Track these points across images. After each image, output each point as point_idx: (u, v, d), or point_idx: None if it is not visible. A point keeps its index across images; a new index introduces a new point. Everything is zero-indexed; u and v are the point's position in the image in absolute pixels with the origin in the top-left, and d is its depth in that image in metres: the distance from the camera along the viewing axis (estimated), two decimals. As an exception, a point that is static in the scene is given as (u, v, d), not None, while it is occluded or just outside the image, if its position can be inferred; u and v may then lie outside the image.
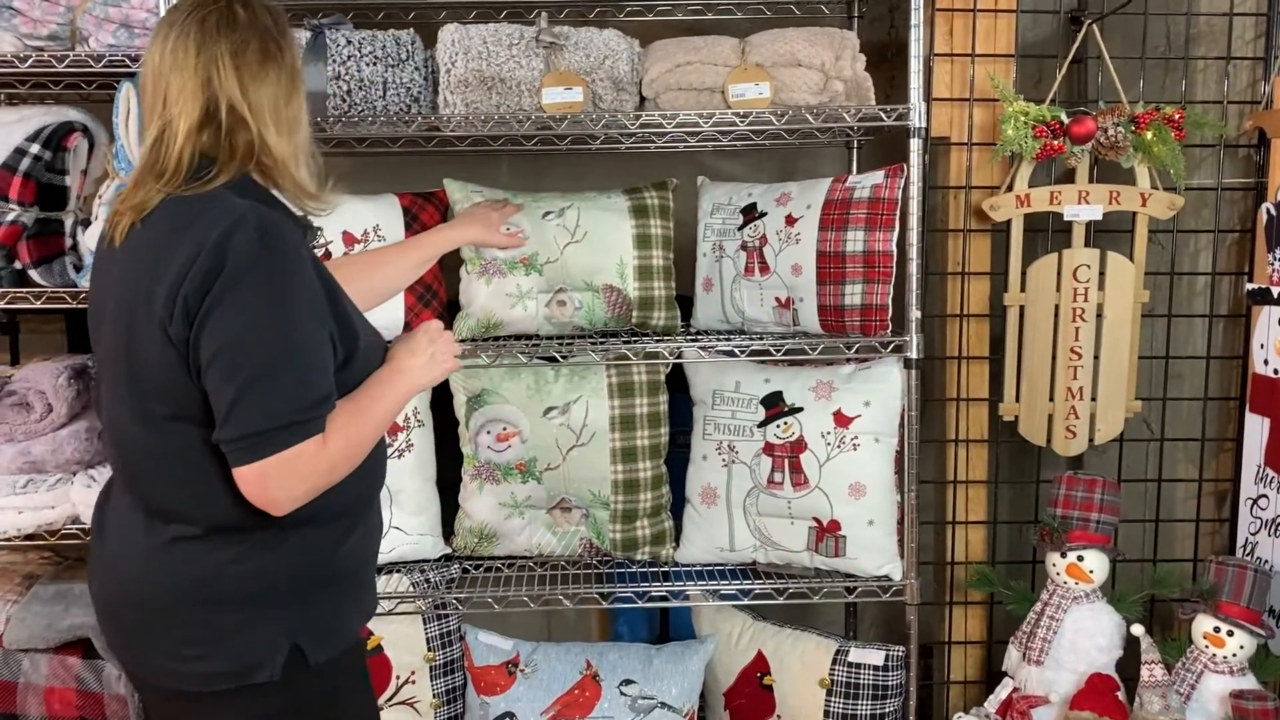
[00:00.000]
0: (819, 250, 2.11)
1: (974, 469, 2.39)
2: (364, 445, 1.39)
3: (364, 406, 1.40)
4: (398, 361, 1.49)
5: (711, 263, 2.29)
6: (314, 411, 1.31)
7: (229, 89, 1.35)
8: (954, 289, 2.34)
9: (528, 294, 2.18)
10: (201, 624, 1.35)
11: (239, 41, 1.36)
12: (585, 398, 2.19)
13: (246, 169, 1.38)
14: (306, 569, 1.40)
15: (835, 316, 2.12)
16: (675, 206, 2.27)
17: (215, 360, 1.27)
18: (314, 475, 1.32)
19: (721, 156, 2.57)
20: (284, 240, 1.32)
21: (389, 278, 1.90)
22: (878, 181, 2.11)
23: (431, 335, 1.54)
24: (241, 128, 1.36)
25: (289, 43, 1.44)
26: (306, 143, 1.46)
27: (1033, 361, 2.24)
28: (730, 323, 2.29)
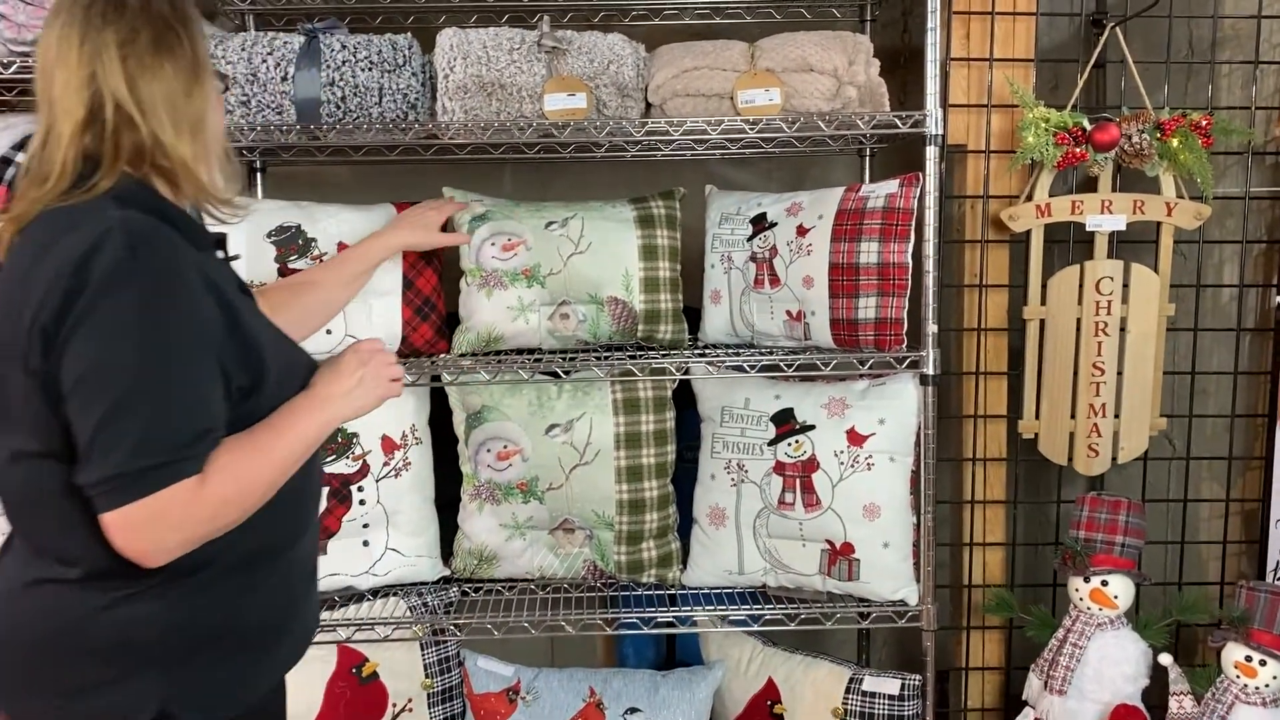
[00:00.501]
0: (831, 262, 2.04)
1: (992, 489, 2.31)
2: (260, 488, 1.23)
3: (262, 443, 1.24)
4: (317, 388, 1.33)
5: (720, 274, 2.22)
6: (188, 450, 1.16)
7: (114, 84, 1.21)
8: (971, 302, 2.26)
9: (530, 307, 2.11)
10: (64, 673, 1.22)
11: (127, 30, 1.22)
12: (589, 415, 2.12)
13: (139, 172, 1.25)
14: (194, 623, 1.25)
15: (848, 330, 2.04)
16: (682, 216, 2.20)
17: (74, 391, 1.14)
18: (189, 524, 1.17)
19: (729, 165, 2.50)
20: (161, 254, 1.18)
21: (322, 300, 1.77)
22: (892, 191, 2.04)
23: (362, 357, 1.39)
24: (128, 127, 1.22)
25: (192, 31, 1.29)
26: (217, 142, 1.32)
27: (1053, 377, 2.16)
28: (739, 336, 2.22)
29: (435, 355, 2.17)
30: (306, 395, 1.32)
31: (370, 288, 2.11)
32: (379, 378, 1.39)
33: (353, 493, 2.10)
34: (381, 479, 2.13)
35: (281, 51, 1.95)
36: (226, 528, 1.21)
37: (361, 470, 2.11)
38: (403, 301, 2.14)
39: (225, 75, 1.70)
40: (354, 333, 2.11)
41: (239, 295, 1.30)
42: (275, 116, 1.95)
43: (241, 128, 1.94)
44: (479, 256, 2.12)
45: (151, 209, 1.23)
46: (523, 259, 2.11)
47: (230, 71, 1.93)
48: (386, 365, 1.41)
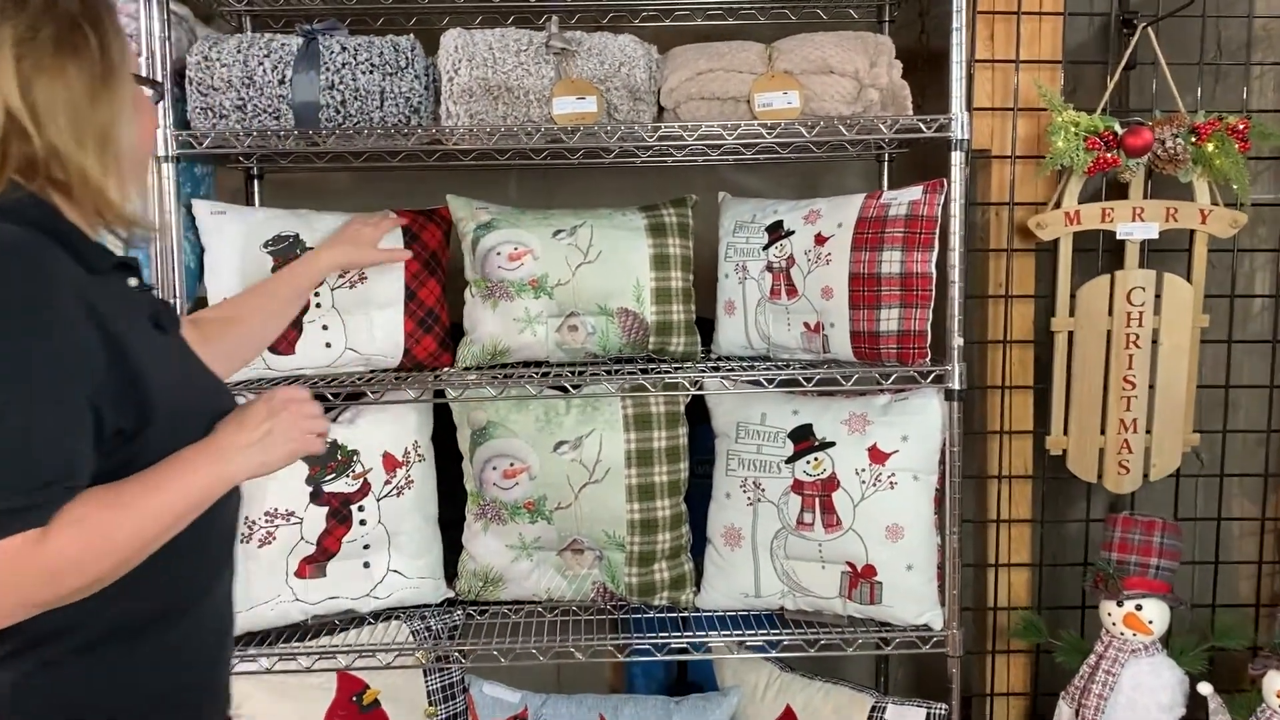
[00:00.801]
0: (852, 272, 1.96)
1: (1017, 507, 2.22)
2: (121, 549, 1.06)
3: (128, 498, 1.07)
4: (215, 439, 1.17)
5: (734, 284, 2.14)
6: (32, 498, 1.00)
7: (5, 86, 1.08)
8: (996, 313, 2.18)
9: (537, 318, 2.03)
10: None
11: (26, 27, 1.09)
12: (599, 431, 2.04)
13: (30, 184, 1.11)
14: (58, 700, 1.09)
15: (870, 343, 1.96)
16: (694, 224, 2.13)
17: None
18: (26, 585, 1.01)
19: (739, 171, 2.42)
20: (30, 274, 1.04)
21: (252, 330, 1.64)
22: (915, 198, 1.96)
23: (273, 406, 1.22)
24: (19, 136, 1.09)
25: (103, 31, 1.15)
26: (130, 156, 1.18)
27: (1082, 391, 2.08)
28: (754, 349, 2.14)
29: (439, 369, 2.09)
30: (200, 446, 1.16)
31: (370, 299, 2.04)
32: (291, 431, 1.23)
33: (353, 513, 2.02)
34: (383, 498, 2.05)
35: (279, 54, 1.87)
36: (80, 592, 1.05)
37: (362, 489, 2.03)
38: (405, 313, 2.06)
39: (157, 83, 1.55)
40: (354, 346, 2.03)
41: (141, 327, 1.16)
42: (272, 121, 1.87)
43: (237, 133, 1.87)
44: (484, 266, 2.04)
45: (39, 224, 1.10)
46: (530, 269, 2.03)
47: (225, 75, 1.86)
48: (303, 417, 1.24)
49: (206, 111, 1.87)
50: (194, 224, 1.99)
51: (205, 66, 1.86)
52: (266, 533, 1.96)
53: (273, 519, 1.97)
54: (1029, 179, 2.13)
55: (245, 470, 1.19)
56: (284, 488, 1.98)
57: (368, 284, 2.03)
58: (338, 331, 2.03)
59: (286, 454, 1.23)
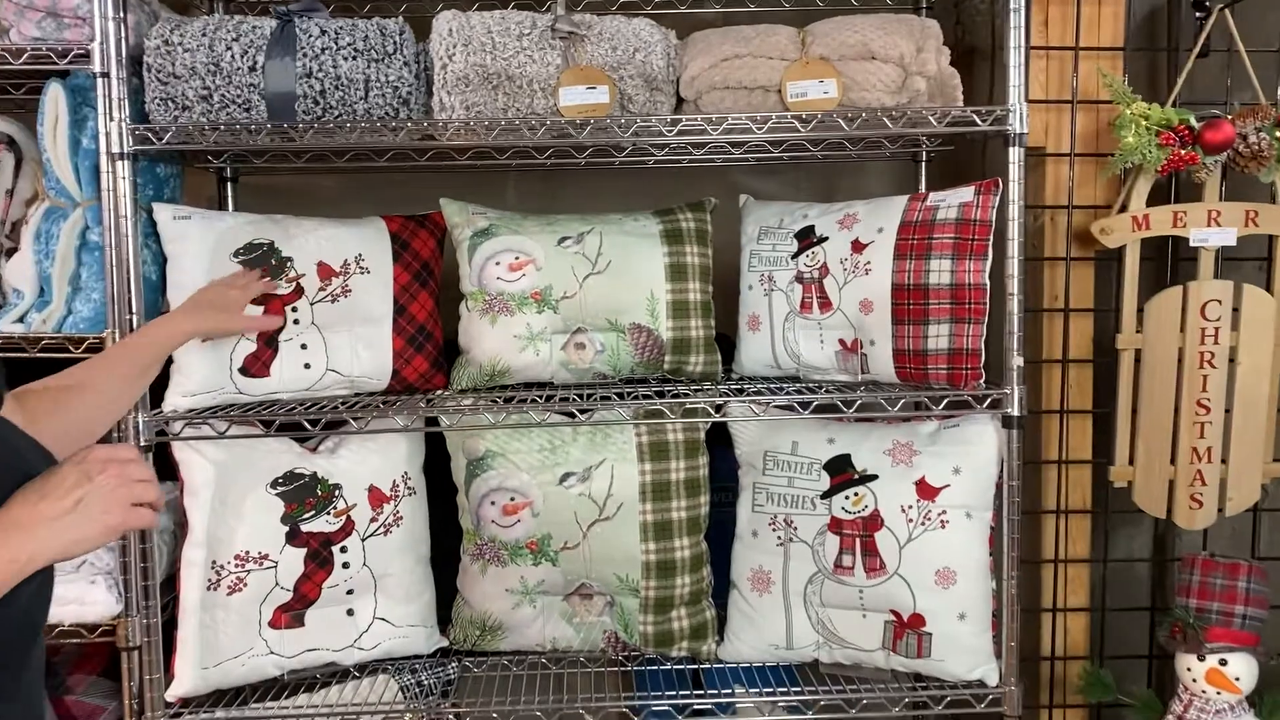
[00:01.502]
0: (895, 283, 1.75)
1: (1074, 544, 2.01)
2: None
3: None
4: (12, 510, 0.98)
5: (759, 297, 1.93)
6: None
7: None
8: (1052, 329, 1.97)
9: (540, 335, 1.82)
10: None
11: None
12: (610, 461, 1.83)
13: None
14: None
15: (915, 363, 1.75)
16: (713, 231, 1.92)
17: None
18: None
19: (754, 175, 2.22)
20: None
21: (95, 404, 1.38)
22: (967, 199, 1.75)
23: (86, 469, 1.02)
24: None
25: None
26: None
27: (1151, 416, 1.87)
28: (781, 368, 1.93)
29: (432, 392, 1.89)
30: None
31: (355, 314, 1.83)
32: (110, 500, 1.02)
33: (334, 554, 1.81)
34: (368, 537, 1.83)
35: (249, 38, 1.67)
36: None
37: (345, 528, 1.81)
38: (393, 330, 1.85)
39: None
40: (337, 368, 1.82)
41: None
42: (242, 114, 1.66)
43: (202, 127, 1.66)
44: (481, 277, 1.84)
45: None
46: (532, 280, 1.82)
47: (189, 61, 1.65)
48: (126, 482, 1.03)
49: (167, 103, 1.66)
50: (155, 230, 1.78)
51: (166, 52, 1.65)
52: (236, 579, 1.75)
53: (243, 563, 1.75)
54: (1087, 180, 1.93)
55: (50, 550, 0.97)
56: (256, 527, 1.76)
57: (351, 297, 1.82)
58: (318, 351, 1.82)
59: (104, 529, 1.01)
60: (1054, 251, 1.95)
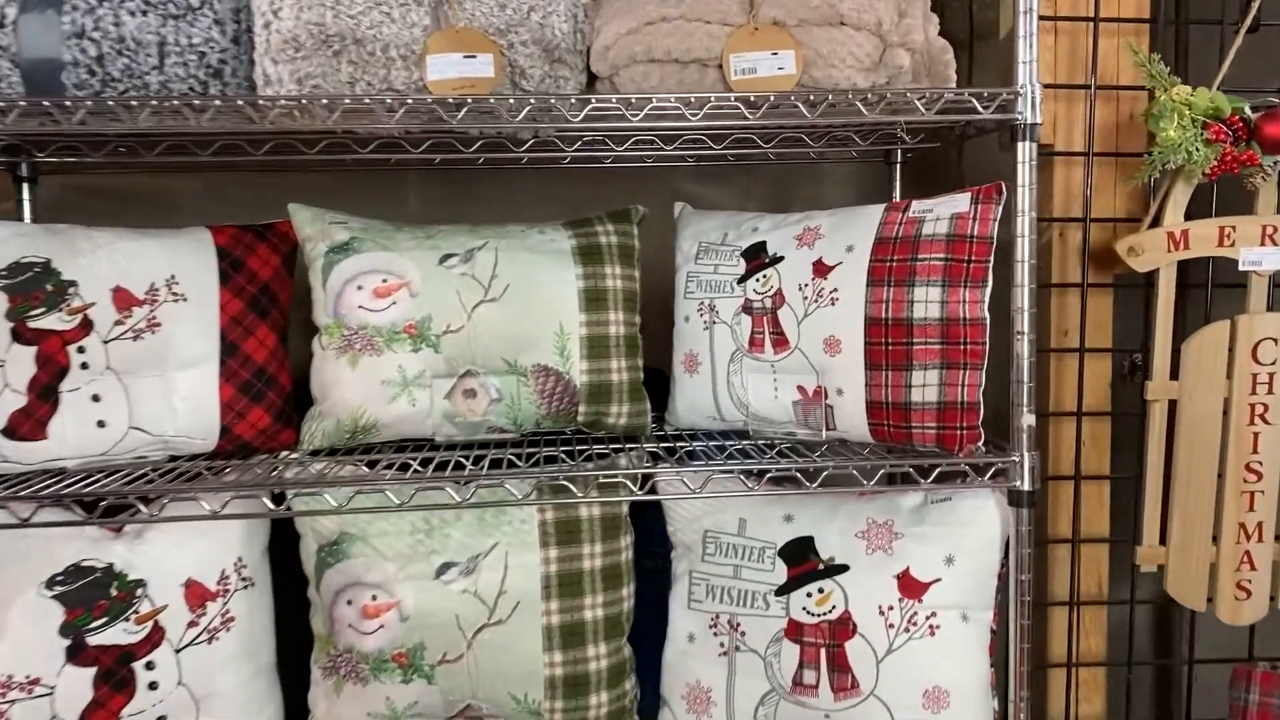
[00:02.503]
0: (869, 316, 1.37)
1: (1090, 641, 1.63)
2: None
3: None
4: None
5: (697, 331, 1.54)
6: None
7: None
8: (1061, 373, 1.60)
9: (417, 380, 1.42)
10: None
11: None
12: (503, 547, 1.42)
13: None
14: None
15: (896, 420, 1.37)
16: (641, 247, 1.54)
17: None
18: None
19: (694, 179, 1.83)
20: None
21: None
22: (961, 210, 1.37)
23: None
24: None
25: None
26: None
27: (1189, 484, 1.50)
28: (726, 420, 1.54)
29: (278, 452, 1.47)
30: None
31: (166, 354, 1.41)
32: None
33: (137, 673, 1.37)
34: (184, 648, 1.40)
35: (3, -17, 1.24)
36: None
37: (151, 637, 1.38)
38: (220, 374, 1.44)
39: None
40: (142, 424, 1.40)
41: None
42: (-8, 86, 1.24)
43: (-69, 103, 1.23)
44: (339, 305, 1.43)
45: None
46: (405, 309, 1.42)
47: (-79, 14, 1.22)
48: None
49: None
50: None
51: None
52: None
53: (4, 691, 1.32)
54: (1104, 186, 1.56)
55: None
56: (22, 643, 1.32)
57: (161, 333, 1.40)
58: (116, 403, 1.39)
59: None
60: (1064, 276, 1.57)
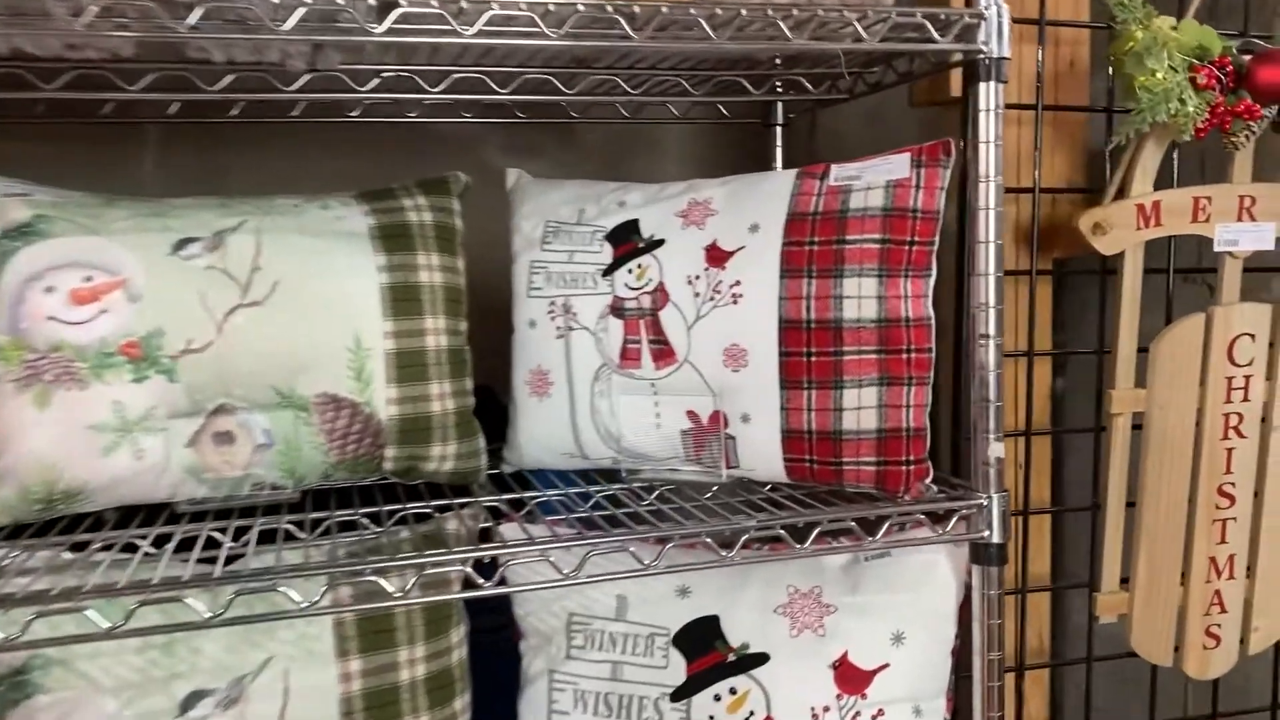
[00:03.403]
0: (784, 317, 1.03)
1: (1031, 712, 1.34)
2: None
3: None
4: None
5: (547, 339, 1.16)
6: None
7: None
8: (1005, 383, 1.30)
9: (143, 422, 0.99)
10: None
11: None
12: (281, 662, 0.99)
13: None
14: None
15: (823, 454, 1.04)
16: (466, 229, 1.15)
17: None
18: None
19: (511, 148, 1.46)
20: None
21: None
22: (899, 176, 1.05)
23: None
24: None
25: None
26: None
27: (1158, 513, 1.23)
28: (589, 457, 1.17)
29: (-70, 533, 1.00)
30: None
31: None
32: None
33: None
34: None
35: None
36: None
37: None
38: None
39: None
40: None
41: None
42: None
43: None
44: (18, 316, 0.96)
45: None
46: (123, 320, 0.98)
47: None
48: None
49: None
50: None
51: None
52: None
53: None
54: (1061, 149, 1.26)
55: None
56: None
57: None
58: None
59: None
60: (1014, 262, 1.27)
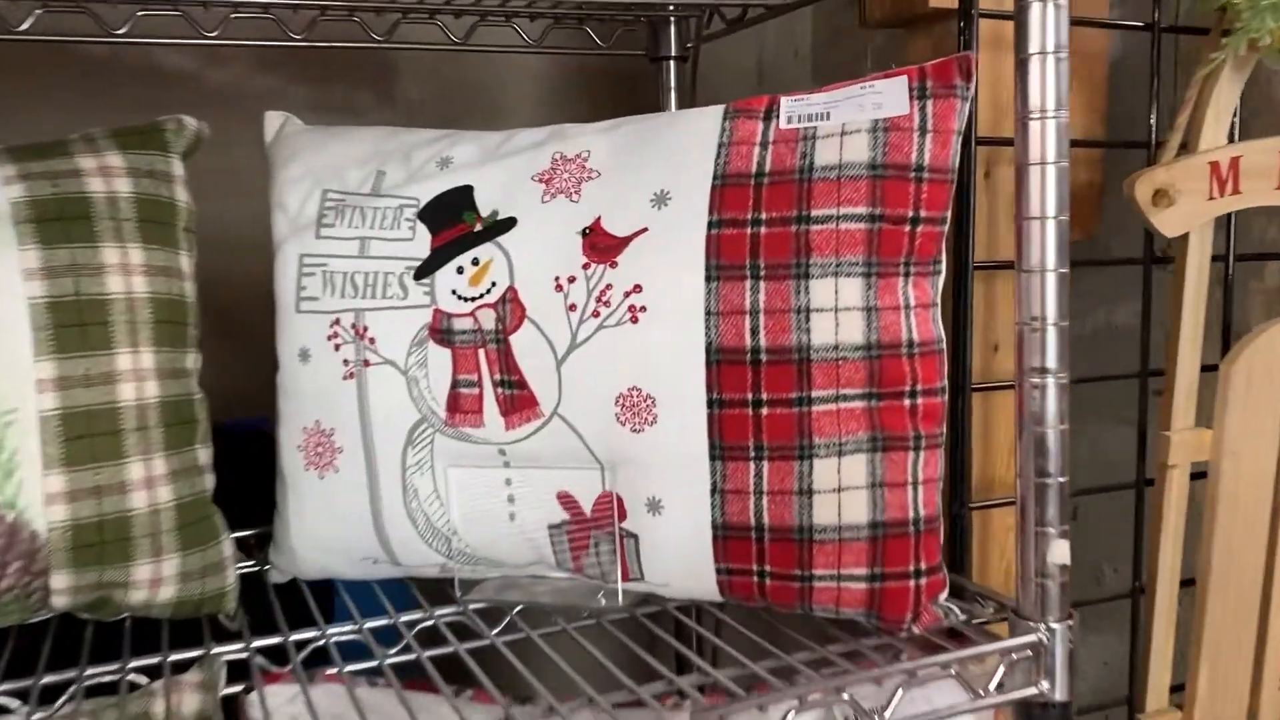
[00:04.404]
0: (717, 344, 0.64)
1: None
2: None
3: None
4: None
5: (328, 379, 0.74)
6: None
7: None
8: (993, 421, 0.92)
9: None
10: None
11: None
12: None
13: None
14: None
15: (780, 561, 0.65)
16: (198, 199, 0.71)
17: None
18: None
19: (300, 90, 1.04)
20: None
21: None
22: (895, 111, 0.66)
23: None
24: None
25: None
26: None
27: (1225, 603, 0.88)
28: (401, 562, 0.76)
29: None
30: None
31: None
32: None
33: None
34: None
35: None
36: None
37: None
38: None
39: None
40: None
41: None
42: None
43: None
44: None
45: None
46: None
47: None
48: None
49: None
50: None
51: None
52: None
53: None
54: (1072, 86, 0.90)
55: None
56: None
57: None
58: None
59: None
60: (994, 248, 0.89)
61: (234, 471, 0.89)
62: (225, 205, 0.89)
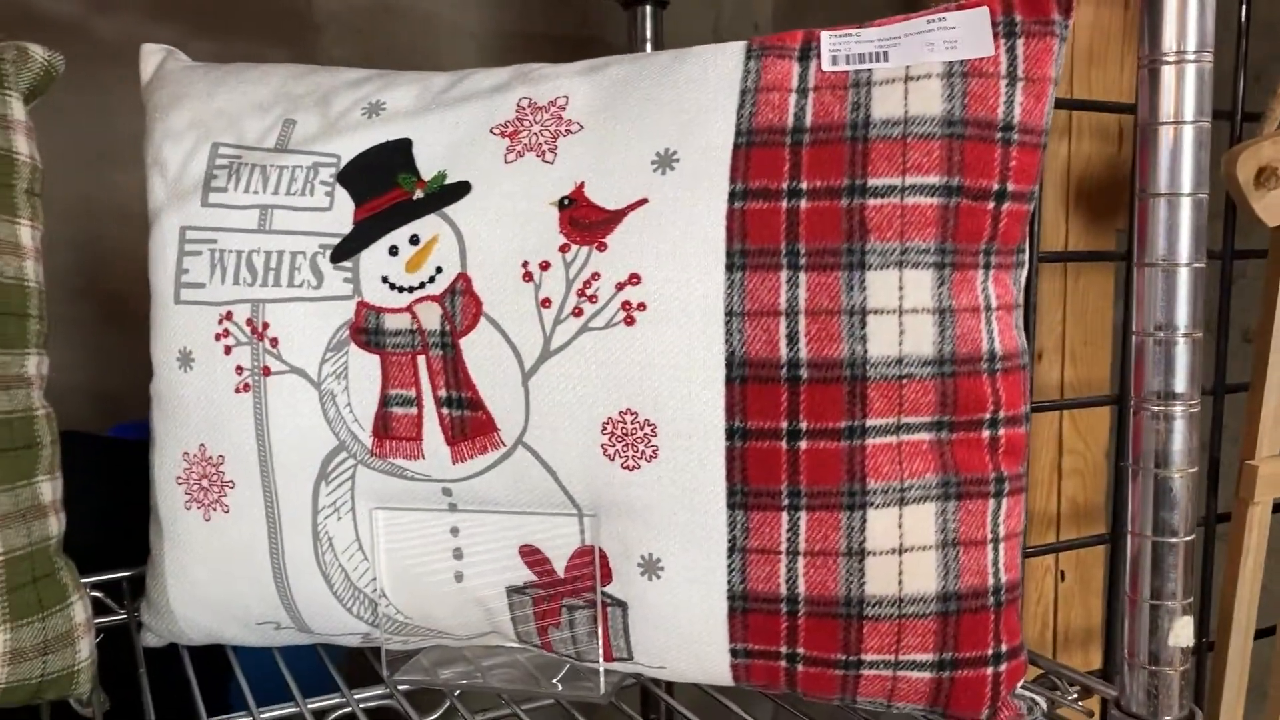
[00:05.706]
0: (739, 355, 0.47)
1: None
2: None
3: None
4: None
5: (215, 391, 0.55)
6: None
7: None
8: (1040, 448, 0.77)
9: None
10: None
11: None
12: None
13: None
14: None
15: (818, 642, 0.48)
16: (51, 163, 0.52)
17: None
18: None
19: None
20: None
21: None
22: (975, 53, 0.50)
23: None
24: None
25: None
26: None
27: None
28: (314, 630, 0.57)
29: None
30: None
31: None
32: None
33: None
34: None
35: None
36: None
37: None
38: None
39: None
40: None
41: None
42: None
43: None
44: None
45: None
46: None
47: None
48: None
49: None
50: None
51: None
52: None
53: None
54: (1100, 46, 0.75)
55: None
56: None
57: None
58: None
59: None
60: (1046, 237, 0.74)
61: (116, 490, 0.71)
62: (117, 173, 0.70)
